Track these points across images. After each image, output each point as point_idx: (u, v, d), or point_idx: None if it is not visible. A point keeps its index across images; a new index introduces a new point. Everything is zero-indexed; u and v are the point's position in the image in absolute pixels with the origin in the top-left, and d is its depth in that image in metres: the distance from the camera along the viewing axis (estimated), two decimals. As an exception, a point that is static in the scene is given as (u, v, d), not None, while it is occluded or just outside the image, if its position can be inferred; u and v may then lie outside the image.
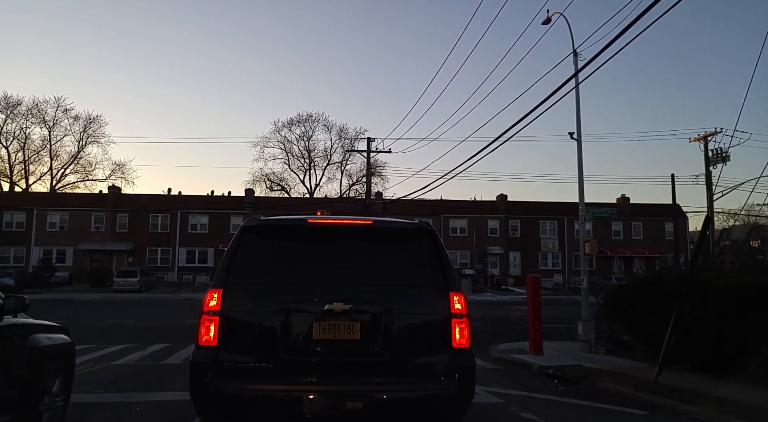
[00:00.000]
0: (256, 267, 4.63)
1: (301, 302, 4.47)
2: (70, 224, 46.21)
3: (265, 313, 4.45)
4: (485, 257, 50.78)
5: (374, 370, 4.41)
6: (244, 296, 4.48)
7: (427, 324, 4.61)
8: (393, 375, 4.40)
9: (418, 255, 4.88)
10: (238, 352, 4.36)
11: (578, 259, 54.04)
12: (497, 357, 12.94)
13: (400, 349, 4.43)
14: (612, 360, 11.70)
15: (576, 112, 16.76)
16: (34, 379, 4.81)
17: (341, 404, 4.28)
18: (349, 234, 4.93)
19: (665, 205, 53.66)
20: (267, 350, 4.36)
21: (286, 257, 4.78)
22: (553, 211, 52.47)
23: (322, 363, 4.39)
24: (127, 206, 47.78)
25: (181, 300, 34.98)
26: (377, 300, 4.51)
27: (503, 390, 9.09)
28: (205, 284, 44.36)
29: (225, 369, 4.27)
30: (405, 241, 5.05)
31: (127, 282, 38.49)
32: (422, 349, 4.50)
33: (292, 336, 4.39)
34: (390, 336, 4.44)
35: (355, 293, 4.45)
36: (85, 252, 45.63)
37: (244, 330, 4.46)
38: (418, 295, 4.65)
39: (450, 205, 52.11)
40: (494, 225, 52.13)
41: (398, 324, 4.47)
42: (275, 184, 66.35)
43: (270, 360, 4.34)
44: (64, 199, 50.82)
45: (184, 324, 20.06)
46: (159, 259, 47.40)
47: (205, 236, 48.16)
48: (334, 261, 4.74)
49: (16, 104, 59.00)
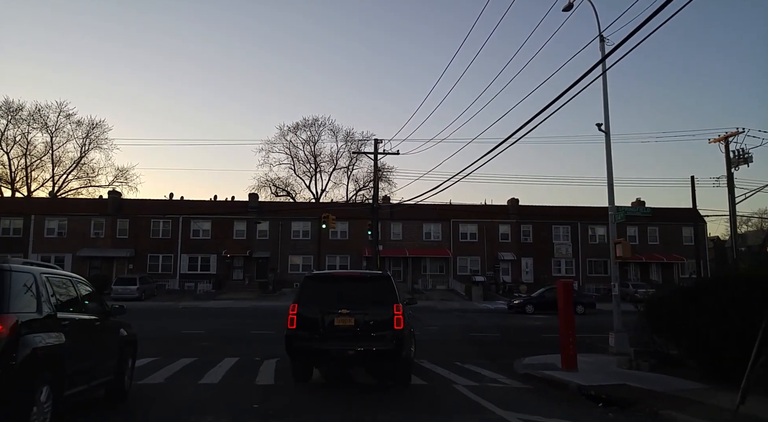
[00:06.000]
0: (309, 292, 9.55)
1: (329, 308, 9.21)
2: (69, 230, 44.97)
3: (313, 313, 9.21)
4: (496, 263, 49.13)
5: (359, 338, 9.12)
6: (305, 306, 9.26)
7: (384, 318, 9.13)
8: (368, 340, 9.10)
9: (381, 287, 9.62)
10: (303, 330, 9.14)
11: (593, 265, 52.61)
12: (525, 373, 11.39)
13: (372, 329, 9.14)
14: (660, 378, 10.10)
15: (603, 102, 15.27)
16: (122, 356, 7.96)
17: (345, 353, 9.16)
18: (349, 278, 10.77)
19: (682, 209, 51.86)
20: (315, 329, 9.16)
21: (322, 288, 9.88)
22: (566, 215, 50.81)
23: (338, 336, 9.09)
24: (128, 212, 46.52)
25: (181, 308, 33.52)
26: (362, 307, 9.23)
27: (542, 419, 7.56)
28: (207, 292, 42.98)
29: (298, 337, 9.13)
30: (376, 280, 10.08)
31: (126, 289, 37.14)
32: (381, 329, 9.08)
33: (325, 324, 9.16)
34: (367, 324, 9.18)
35: (352, 305, 9.22)
36: (84, 259, 44.34)
37: (306, 321, 9.18)
38: (381, 305, 9.24)
39: (460, 209, 50.57)
40: (505, 230, 50.47)
41: (371, 318, 9.21)
42: (280, 190, 65.20)
43: (316, 333, 9.15)
44: (62, 204, 49.51)
45: (178, 335, 18.67)
46: (160, 266, 46.04)
47: (208, 242, 46.80)
48: (342, 290, 9.71)
49: (17, 109, 58.15)
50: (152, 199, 51.35)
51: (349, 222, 47.78)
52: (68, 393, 6.04)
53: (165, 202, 50.15)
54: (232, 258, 46.72)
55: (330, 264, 47.76)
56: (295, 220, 48.51)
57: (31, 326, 5.52)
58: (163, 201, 50.33)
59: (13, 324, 5.21)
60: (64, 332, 6.05)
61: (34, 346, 5.42)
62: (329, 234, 47.69)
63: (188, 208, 48.01)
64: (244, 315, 27.61)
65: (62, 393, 5.87)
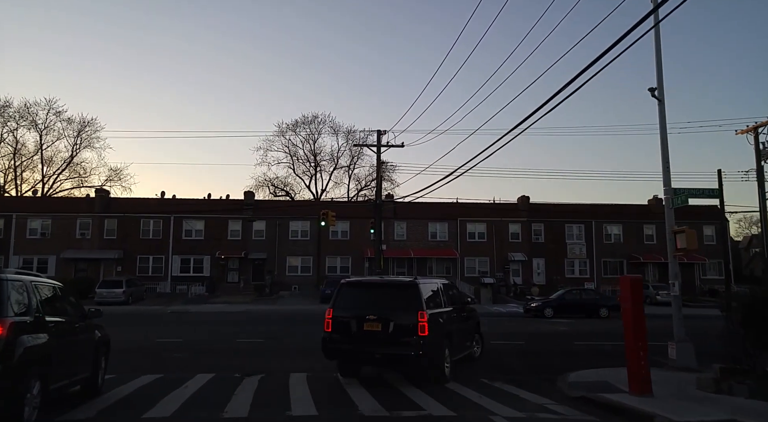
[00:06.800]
0: (343, 298, 10.37)
1: (359, 313, 9.92)
2: (53, 231, 42.27)
3: (346, 318, 10.01)
4: (506, 264, 46.42)
5: (386, 343, 9.66)
6: (339, 310, 10.15)
7: (408, 325, 9.57)
8: (393, 345, 9.62)
9: (408, 294, 9.98)
10: (336, 333, 10.01)
11: (608, 266, 49.83)
12: (580, 396, 8.73)
13: (397, 335, 9.62)
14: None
15: (656, 62, 12.67)
16: (97, 355, 8.66)
17: (373, 356, 9.85)
18: (379, 285, 11.06)
19: (703, 207, 49.18)
20: (346, 332, 9.94)
21: (354, 294, 10.57)
22: (579, 213, 48.12)
23: (366, 339, 9.78)
24: (116, 211, 43.83)
25: (169, 313, 30.83)
26: (388, 314, 9.80)
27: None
28: (200, 295, 40.35)
29: (333, 340, 10.00)
30: (403, 288, 10.33)
31: (111, 293, 34.49)
32: (406, 335, 9.54)
33: (356, 328, 9.87)
34: (393, 329, 9.66)
35: (380, 311, 9.87)
36: (69, 261, 41.68)
37: (339, 325, 10.04)
38: (406, 312, 9.72)
39: (467, 207, 47.86)
40: (516, 229, 47.75)
41: (397, 324, 9.67)
42: (279, 190, 62.70)
43: (347, 336, 9.92)
44: (46, 203, 46.72)
45: (150, 345, 15.93)
46: (151, 268, 43.37)
47: (201, 243, 44.12)
48: (372, 296, 10.46)
49: (5, 105, 55.69)
50: (142, 198, 48.73)
51: (351, 222, 45.15)
52: (54, 386, 6.80)
53: (156, 200, 47.48)
54: (226, 259, 44.08)
55: (330, 266, 45.15)
56: (293, 220, 45.84)
57: (24, 328, 6.32)
58: (153, 199, 47.67)
59: (10, 326, 6.02)
60: (50, 333, 6.83)
61: (27, 345, 6.21)
62: (329, 234, 45.16)
63: (180, 206, 45.33)
64: (235, 321, 24.97)
65: (49, 386, 6.65)
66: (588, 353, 15.14)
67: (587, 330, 21.70)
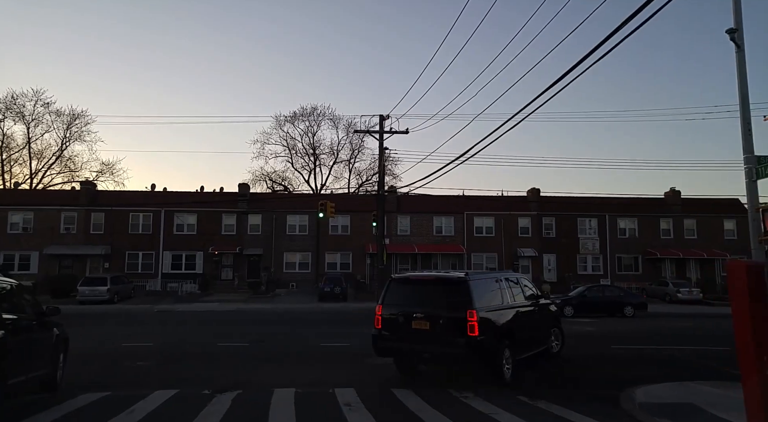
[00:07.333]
0: (392, 294, 10.10)
1: (407, 311, 9.64)
2: (35, 225, 39.78)
3: (394, 315, 9.79)
4: (515, 260, 43.96)
5: (434, 341, 9.30)
6: (388, 307, 9.92)
7: (457, 324, 9.12)
8: (441, 344, 9.23)
9: (457, 291, 9.44)
10: (386, 330, 9.82)
11: (621, 262, 47.37)
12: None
13: (445, 333, 9.23)
14: None
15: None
16: (55, 352, 8.73)
17: (422, 355, 9.65)
18: (428, 281, 10.21)
19: (723, 200, 46.74)
20: (395, 330, 9.73)
21: (402, 290, 10.14)
22: (592, 206, 45.62)
23: (415, 337, 9.45)
24: (104, 204, 41.36)
25: (156, 312, 28.38)
26: (436, 311, 9.42)
27: None
28: (192, 293, 37.89)
29: (382, 337, 9.84)
30: (452, 285, 9.74)
31: (94, 291, 31.98)
32: (454, 334, 9.12)
33: (404, 325, 9.62)
34: (441, 328, 9.29)
35: (428, 308, 9.50)
36: (53, 257, 39.25)
37: (388, 322, 9.82)
38: (454, 310, 9.24)
39: (474, 201, 45.38)
40: (525, 223, 45.27)
41: (444, 323, 9.28)
42: (277, 184, 60.42)
43: (396, 334, 9.70)
44: (28, 196, 44.16)
45: (113, 350, 13.14)
46: (140, 265, 40.95)
47: (194, 238, 41.67)
48: (420, 292, 9.96)
49: (-11, 96, 53.27)
50: (131, 191, 46.27)
51: (351, 216, 42.71)
52: (11, 381, 6.94)
53: (145, 193, 44.99)
54: (220, 255, 41.65)
55: (330, 262, 42.73)
56: (290, 213, 43.36)
57: None
58: (143, 192, 45.17)
59: None
60: (6, 330, 6.92)
61: None
62: (329, 228, 42.79)
63: (171, 199, 42.88)
64: (224, 321, 22.54)
65: (6, 381, 6.77)
66: (634, 360, 12.73)
67: (618, 331, 19.24)
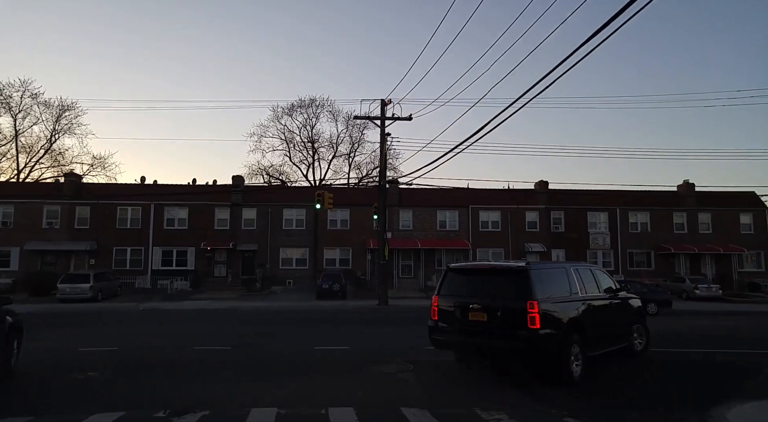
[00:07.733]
0: (449, 285, 9.86)
1: (464, 302, 9.34)
2: (15, 219, 37.59)
3: (450, 307, 9.54)
4: (523, 256, 41.86)
5: (492, 334, 8.96)
6: (445, 298, 9.70)
7: (516, 316, 8.67)
8: (500, 337, 8.85)
9: (516, 281, 8.97)
10: (442, 322, 9.62)
11: (633, 258, 45.21)
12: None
13: (504, 326, 8.83)
14: None
15: None
16: (8, 340, 9.08)
17: (479, 348, 9.35)
18: (486, 271, 9.88)
19: (739, 193, 44.68)
20: (451, 322, 9.49)
21: (460, 281, 9.84)
22: (602, 199, 43.55)
23: (472, 330, 9.19)
24: (89, 197, 39.23)
25: (141, 311, 26.29)
26: (494, 303, 9.03)
27: None
28: (182, 291, 35.78)
29: (438, 329, 9.66)
30: (511, 274, 9.29)
31: (76, 289, 29.90)
32: (514, 327, 8.69)
33: (460, 316, 9.33)
34: (499, 320, 8.90)
35: (484, 299, 9.15)
36: (34, 253, 37.13)
37: (445, 313, 9.63)
38: (514, 301, 8.79)
39: (480, 194, 43.32)
40: (533, 217, 43.21)
41: (503, 315, 8.87)
42: (274, 179, 58.30)
43: (452, 326, 9.45)
44: (8, 188, 41.89)
45: (65, 357, 10.81)
46: (128, 261, 38.85)
47: (185, 232, 39.58)
48: (478, 283, 9.62)
49: (-26, 86, 51.13)
50: (118, 183, 44.20)
51: (351, 210, 40.66)
52: None
53: (134, 186, 42.87)
54: (213, 251, 39.56)
55: (328, 258, 40.67)
56: (287, 207, 41.28)
57: None
58: (131, 185, 43.05)
59: None
60: None
61: None
62: (327, 223, 40.74)
63: (161, 192, 40.77)
64: (212, 320, 20.48)
65: None
66: (689, 367, 10.65)
67: (649, 330, 17.16)
